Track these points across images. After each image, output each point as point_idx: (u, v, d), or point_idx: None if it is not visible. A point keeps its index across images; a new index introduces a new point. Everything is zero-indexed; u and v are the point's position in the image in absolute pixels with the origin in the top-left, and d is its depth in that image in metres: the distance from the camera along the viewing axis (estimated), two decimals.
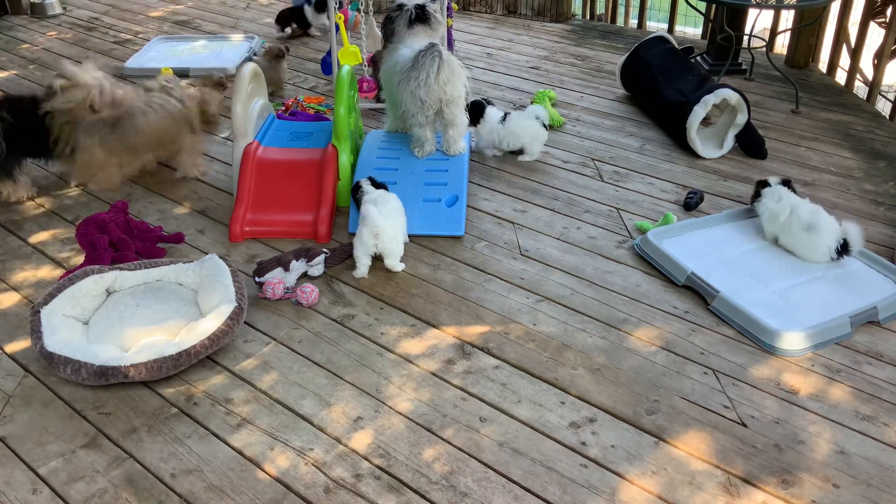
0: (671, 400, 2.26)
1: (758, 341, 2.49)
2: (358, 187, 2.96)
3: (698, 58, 4.74)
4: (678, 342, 2.50)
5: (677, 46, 4.26)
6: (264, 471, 2.03)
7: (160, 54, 5.08)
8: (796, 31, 4.84)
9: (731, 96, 3.58)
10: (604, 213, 3.26)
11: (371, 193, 2.89)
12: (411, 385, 2.32)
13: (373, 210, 2.76)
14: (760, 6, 4.21)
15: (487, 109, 3.60)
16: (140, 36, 5.57)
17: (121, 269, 2.63)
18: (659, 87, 4.01)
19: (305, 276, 2.82)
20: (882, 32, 4.34)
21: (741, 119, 3.66)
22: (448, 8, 4.30)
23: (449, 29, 4.39)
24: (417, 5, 3.30)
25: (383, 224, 2.73)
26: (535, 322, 2.59)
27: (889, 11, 4.30)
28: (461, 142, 3.32)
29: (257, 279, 2.68)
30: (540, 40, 5.56)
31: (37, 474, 2.02)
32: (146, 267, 2.68)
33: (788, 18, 5.23)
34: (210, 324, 2.39)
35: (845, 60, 4.71)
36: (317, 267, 2.81)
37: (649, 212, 3.26)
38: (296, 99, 4.22)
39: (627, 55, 4.33)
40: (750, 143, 3.75)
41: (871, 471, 2.04)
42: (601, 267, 2.90)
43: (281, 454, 2.08)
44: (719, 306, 2.62)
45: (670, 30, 5.69)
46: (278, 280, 2.68)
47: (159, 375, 2.28)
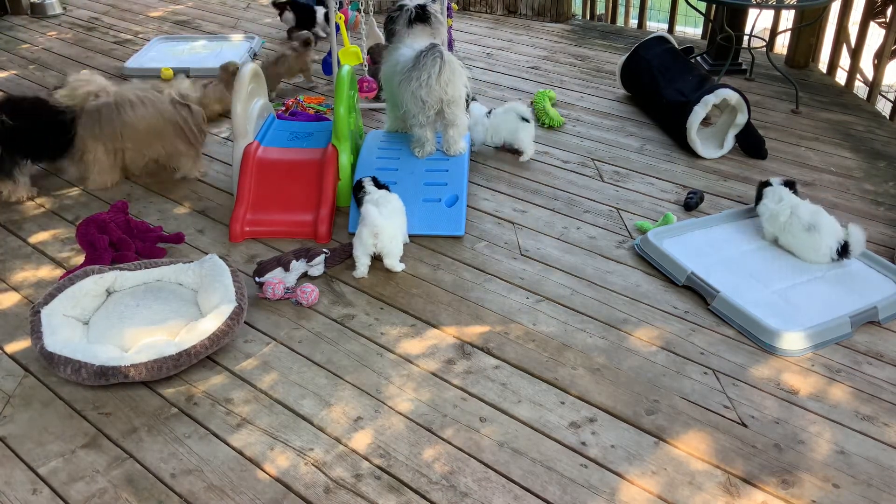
0: (671, 400, 2.26)
1: (758, 341, 2.49)
2: (360, 187, 2.96)
3: (698, 58, 4.74)
4: (678, 342, 2.50)
5: (677, 46, 4.27)
6: (264, 471, 2.03)
7: (160, 54, 5.08)
8: (796, 31, 4.84)
9: (731, 96, 3.58)
10: (604, 213, 3.26)
11: (373, 194, 2.89)
12: (411, 385, 2.32)
13: (372, 210, 2.76)
14: (760, 6, 4.21)
15: (471, 105, 3.62)
16: (140, 36, 5.57)
17: (121, 270, 2.63)
18: (659, 87, 4.01)
19: (305, 276, 2.82)
20: (882, 32, 4.34)
21: (741, 119, 3.66)
22: (448, 8, 4.30)
23: (449, 29, 4.39)
24: (418, 5, 3.31)
25: (383, 224, 2.73)
26: (535, 322, 2.59)
27: (889, 11, 4.30)
28: (461, 142, 3.32)
29: (257, 279, 2.68)
30: (540, 40, 5.56)
31: (37, 474, 2.02)
32: (146, 267, 2.68)
33: (788, 18, 5.23)
34: (210, 324, 2.39)
35: (845, 60, 4.71)
36: (317, 267, 2.81)
37: (649, 212, 3.26)
38: (296, 99, 4.22)
39: (627, 55, 4.33)
40: (750, 143, 3.75)
41: (872, 471, 2.03)
42: (601, 267, 2.90)
43: (281, 454, 2.08)
44: (719, 306, 2.62)
45: (670, 30, 5.69)
46: (278, 280, 2.68)
47: (159, 375, 2.28)
